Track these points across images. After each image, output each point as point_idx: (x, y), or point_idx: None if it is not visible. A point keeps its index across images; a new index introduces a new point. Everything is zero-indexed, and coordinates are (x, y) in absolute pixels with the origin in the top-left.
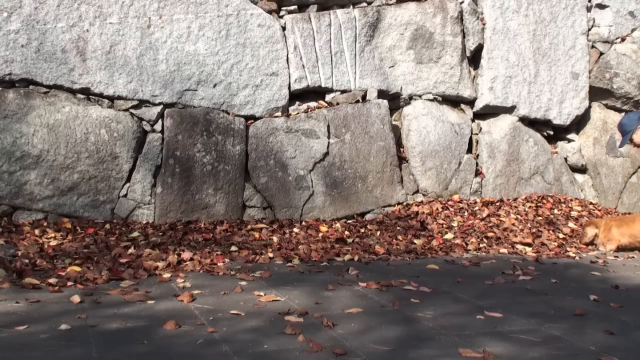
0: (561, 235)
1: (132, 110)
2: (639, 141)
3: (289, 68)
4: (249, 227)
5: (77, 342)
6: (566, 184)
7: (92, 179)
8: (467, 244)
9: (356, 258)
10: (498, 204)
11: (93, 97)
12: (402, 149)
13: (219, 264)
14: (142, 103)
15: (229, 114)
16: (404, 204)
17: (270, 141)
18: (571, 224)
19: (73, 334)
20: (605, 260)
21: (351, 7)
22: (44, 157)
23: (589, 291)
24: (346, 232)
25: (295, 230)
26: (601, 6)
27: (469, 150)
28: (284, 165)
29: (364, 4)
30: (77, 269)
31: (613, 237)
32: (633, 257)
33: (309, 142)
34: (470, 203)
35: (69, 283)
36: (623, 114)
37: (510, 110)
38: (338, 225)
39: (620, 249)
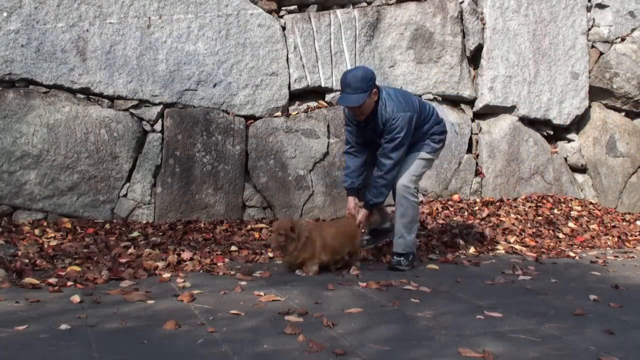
0: (561, 235)
1: (132, 110)
2: (371, 104)
3: (288, 68)
4: (249, 227)
5: (77, 342)
6: (566, 183)
7: (92, 178)
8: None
9: None
10: (498, 203)
11: (93, 97)
12: None
13: (219, 264)
14: (142, 103)
15: (229, 113)
16: None
17: (270, 141)
18: (571, 224)
19: (73, 334)
20: (605, 260)
21: (351, 7)
22: (43, 157)
23: (588, 291)
24: None
25: None
26: (601, 6)
27: (469, 150)
28: (284, 165)
29: (364, 4)
30: (77, 269)
31: (316, 254)
32: (633, 257)
33: (309, 142)
34: (470, 203)
35: (69, 283)
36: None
37: (510, 110)
38: None
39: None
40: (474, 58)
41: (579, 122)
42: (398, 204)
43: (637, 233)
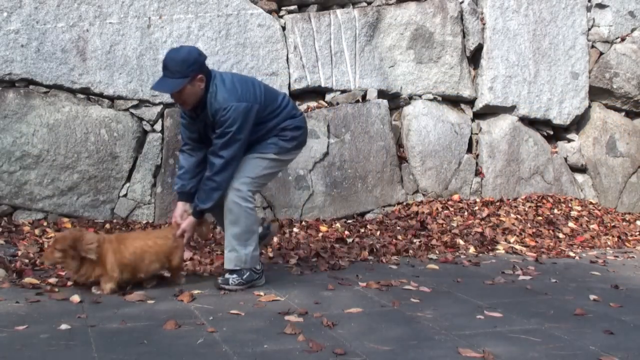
0: (561, 235)
1: (132, 110)
2: (195, 92)
3: (289, 68)
4: None
5: (77, 342)
6: (566, 183)
7: (92, 178)
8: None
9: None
10: (498, 203)
11: (93, 97)
12: (402, 149)
13: (219, 264)
14: (142, 103)
15: None
16: (404, 203)
17: None
18: (571, 224)
19: (73, 334)
20: (605, 260)
21: (351, 7)
22: (44, 157)
23: (589, 291)
24: (346, 232)
25: (295, 230)
26: (601, 6)
27: (469, 150)
28: None
29: (364, 4)
30: None
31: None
32: (633, 257)
33: (309, 142)
34: (470, 203)
35: (69, 283)
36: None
37: (510, 110)
38: (338, 225)
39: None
40: (474, 58)
41: (579, 122)
42: (227, 211)
43: (637, 233)
